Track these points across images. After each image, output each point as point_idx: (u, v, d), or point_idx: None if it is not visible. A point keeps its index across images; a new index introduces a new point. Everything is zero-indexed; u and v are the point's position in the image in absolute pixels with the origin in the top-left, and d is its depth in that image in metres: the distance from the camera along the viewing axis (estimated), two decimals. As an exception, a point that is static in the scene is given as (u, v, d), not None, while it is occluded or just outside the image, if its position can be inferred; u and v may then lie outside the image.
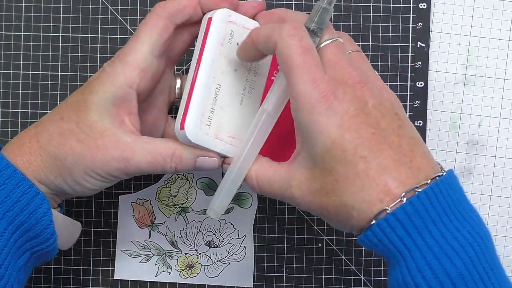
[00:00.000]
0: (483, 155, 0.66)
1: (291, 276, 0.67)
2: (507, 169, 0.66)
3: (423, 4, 0.66)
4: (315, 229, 0.67)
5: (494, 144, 0.66)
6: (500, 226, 0.66)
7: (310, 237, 0.67)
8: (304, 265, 0.67)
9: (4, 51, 0.68)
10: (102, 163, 0.55)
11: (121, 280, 0.67)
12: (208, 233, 0.67)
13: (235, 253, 0.67)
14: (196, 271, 0.67)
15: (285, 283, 0.67)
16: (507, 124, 0.66)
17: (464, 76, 0.66)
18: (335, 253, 0.67)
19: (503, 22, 0.66)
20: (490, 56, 0.66)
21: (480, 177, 0.66)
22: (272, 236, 0.67)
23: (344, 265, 0.67)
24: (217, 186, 0.66)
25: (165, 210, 0.67)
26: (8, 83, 0.68)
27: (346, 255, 0.67)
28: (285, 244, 0.67)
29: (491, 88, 0.66)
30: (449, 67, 0.66)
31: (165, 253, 0.67)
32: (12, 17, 0.68)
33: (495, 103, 0.66)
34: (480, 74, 0.66)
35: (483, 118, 0.66)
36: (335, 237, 0.67)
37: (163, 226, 0.67)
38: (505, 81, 0.66)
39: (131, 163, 0.55)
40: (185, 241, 0.67)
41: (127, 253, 0.67)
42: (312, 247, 0.67)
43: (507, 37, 0.66)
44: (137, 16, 0.67)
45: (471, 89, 0.66)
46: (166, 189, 0.67)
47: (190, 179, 0.67)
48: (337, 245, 0.67)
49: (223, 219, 0.67)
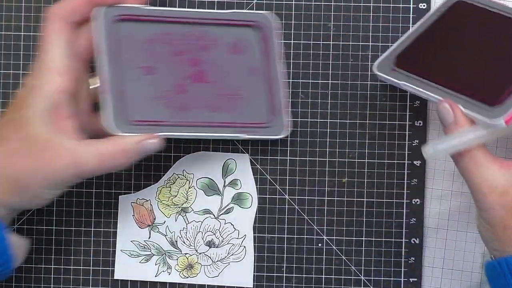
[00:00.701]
0: (483, 155, 0.66)
1: (291, 276, 0.67)
2: (507, 169, 0.66)
3: (423, 4, 0.66)
4: (315, 229, 0.67)
5: (494, 144, 0.66)
6: (500, 226, 0.66)
7: (310, 237, 0.67)
8: (304, 265, 0.67)
9: (4, 51, 0.68)
10: (55, 173, 0.56)
11: (121, 280, 0.67)
12: (208, 233, 0.67)
13: (235, 253, 0.67)
14: (196, 271, 0.67)
15: (285, 283, 0.67)
16: (507, 124, 0.66)
17: (464, 76, 0.66)
18: (335, 253, 0.67)
19: (503, 22, 0.66)
20: (490, 56, 0.66)
21: (480, 177, 0.66)
22: (272, 236, 0.67)
23: (344, 265, 0.67)
24: (217, 186, 0.66)
25: (165, 210, 0.67)
26: (8, 83, 0.68)
27: (346, 255, 0.67)
28: (285, 244, 0.67)
29: (491, 88, 0.66)
30: (449, 67, 0.66)
31: (165, 253, 0.67)
32: (12, 17, 0.68)
33: (495, 103, 0.66)
34: (480, 74, 0.66)
35: (483, 118, 0.66)
36: (335, 237, 0.67)
37: (163, 226, 0.67)
38: (505, 81, 0.66)
39: (82, 167, 0.56)
40: (185, 241, 0.67)
41: (127, 253, 0.67)
42: (312, 247, 0.67)
43: (507, 37, 0.66)
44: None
45: (471, 89, 0.66)
46: (166, 189, 0.67)
47: (190, 179, 0.67)
48: (337, 245, 0.67)
49: (223, 219, 0.67)
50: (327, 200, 0.67)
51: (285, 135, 0.65)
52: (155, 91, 0.62)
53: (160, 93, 0.62)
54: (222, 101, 0.64)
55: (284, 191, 0.67)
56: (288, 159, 0.67)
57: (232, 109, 0.64)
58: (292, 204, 0.67)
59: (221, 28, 0.65)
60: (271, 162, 0.67)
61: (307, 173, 0.67)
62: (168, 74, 0.63)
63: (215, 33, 0.65)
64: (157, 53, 0.63)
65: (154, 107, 0.62)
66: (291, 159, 0.67)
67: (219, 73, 0.64)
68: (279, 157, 0.67)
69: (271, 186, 0.67)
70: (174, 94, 0.63)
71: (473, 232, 0.65)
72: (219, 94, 0.64)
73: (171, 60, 0.63)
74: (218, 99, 0.64)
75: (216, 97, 0.64)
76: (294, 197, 0.67)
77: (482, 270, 0.66)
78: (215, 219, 0.67)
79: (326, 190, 0.67)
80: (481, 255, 0.66)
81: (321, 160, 0.67)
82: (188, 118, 0.63)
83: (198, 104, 0.63)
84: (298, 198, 0.67)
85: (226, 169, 0.67)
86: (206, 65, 0.64)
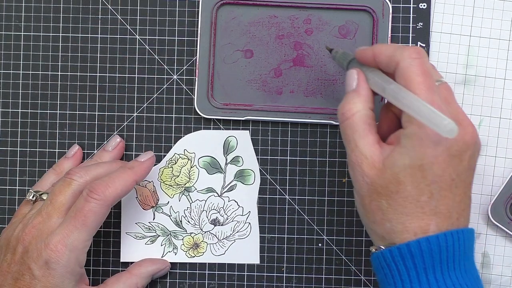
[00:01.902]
0: (483, 155, 0.66)
1: (291, 276, 0.67)
2: (507, 169, 0.66)
3: (423, 4, 0.66)
4: (315, 229, 0.67)
5: (494, 144, 0.66)
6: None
7: (310, 237, 0.67)
8: (304, 265, 0.67)
9: (4, 51, 0.68)
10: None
11: (128, 262, 0.67)
12: (212, 212, 0.67)
13: (240, 230, 0.67)
14: (202, 250, 0.67)
15: (285, 283, 0.67)
16: (507, 124, 0.66)
17: (464, 76, 0.66)
18: (335, 253, 0.67)
19: (503, 22, 0.66)
20: (490, 56, 0.66)
21: (480, 177, 0.66)
22: (272, 236, 0.67)
23: (344, 265, 0.67)
24: (219, 164, 0.66)
25: (168, 190, 0.67)
26: (8, 83, 0.68)
27: (346, 255, 0.67)
28: (285, 244, 0.67)
29: (491, 88, 0.66)
30: (449, 67, 0.66)
31: (170, 234, 0.67)
32: (12, 17, 0.68)
33: (495, 103, 0.66)
34: (480, 74, 0.66)
35: (483, 118, 0.66)
36: (335, 237, 0.67)
37: (167, 206, 0.67)
38: (505, 81, 0.66)
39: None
40: (189, 220, 0.67)
41: (132, 235, 0.67)
42: (312, 247, 0.67)
43: (507, 37, 0.66)
44: (137, 16, 0.67)
45: (471, 89, 0.66)
46: (168, 170, 0.67)
47: (192, 158, 0.67)
48: (337, 245, 0.67)
49: (227, 196, 0.67)
50: (327, 200, 0.67)
51: None
52: (251, 74, 0.65)
53: (257, 76, 0.65)
54: (317, 86, 0.65)
55: (284, 191, 0.67)
56: (288, 159, 0.67)
57: (325, 94, 0.65)
58: (292, 204, 0.67)
59: (329, 12, 0.65)
60: (271, 162, 0.67)
61: (307, 173, 0.67)
62: (267, 57, 0.65)
63: (321, 16, 0.65)
64: (259, 36, 0.65)
65: (248, 90, 0.65)
66: (291, 159, 0.67)
67: (321, 57, 0.65)
68: (279, 157, 0.67)
69: (271, 186, 0.67)
70: (271, 78, 0.65)
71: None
72: (317, 78, 0.65)
73: (272, 43, 0.65)
74: (314, 84, 0.65)
75: (312, 82, 0.65)
76: (294, 197, 0.67)
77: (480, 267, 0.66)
78: (219, 197, 0.67)
79: (326, 190, 0.67)
80: (482, 255, 0.66)
81: (321, 160, 0.67)
82: (281, 102, 0.65)
83: (293, 88, 0.65)
84: (298, 198, 0.67)
85: (227, 147, 0.67)
86: (309, 49, 0.65)
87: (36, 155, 0.67)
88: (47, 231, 0.58)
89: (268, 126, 0.67)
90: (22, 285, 0.57)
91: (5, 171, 0.68)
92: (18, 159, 0.68)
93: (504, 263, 0.66)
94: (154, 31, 0.67)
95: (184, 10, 0.67)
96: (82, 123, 0.67)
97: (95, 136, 0.67)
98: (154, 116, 0.67)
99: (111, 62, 0.67)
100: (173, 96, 0.67)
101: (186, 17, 0.67)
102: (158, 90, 0.67)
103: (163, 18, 0.67)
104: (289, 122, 0.66)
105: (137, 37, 0.67)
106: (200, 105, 0.65)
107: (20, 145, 0.67)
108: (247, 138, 0.67)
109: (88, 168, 0.61)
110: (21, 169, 0.68)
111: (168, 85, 0.67)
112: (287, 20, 0.65)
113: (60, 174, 0.65)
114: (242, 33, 0.65)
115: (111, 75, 0.67)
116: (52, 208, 0.59)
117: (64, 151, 0.67)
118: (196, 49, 0.66)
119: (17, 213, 0.63)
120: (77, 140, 0.67)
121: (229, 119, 0.66)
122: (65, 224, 0.58)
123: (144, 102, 0.67)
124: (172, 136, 0.67)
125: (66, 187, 0.59)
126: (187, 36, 0.67)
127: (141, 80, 0.67)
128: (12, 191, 0.68)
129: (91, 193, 0.58)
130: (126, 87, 0.67)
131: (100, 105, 0.67)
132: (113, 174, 0.60)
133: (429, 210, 0.53)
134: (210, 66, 0.65)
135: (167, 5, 0.67)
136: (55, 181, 0.63)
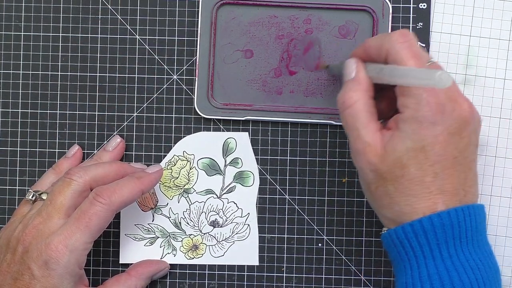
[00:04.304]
0: (483, 155, 0.66)
1: (291, 276, 0.67)
2: (507, 169, 0.66)
3: (423, 4, 0.66)
4: (315, 229, 0.67)
5: (494, 144, 0.66)
6: (500, 226, 0.66)
7: (310, 237, 0.67)
8: (304, 265, 0.67)
9: (4, 51, 0.68)
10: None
11: (127, 264, 0.67)
12: (211, 213, 0.67)
13: (240, 232, 0.67)
14: (201, 252, 0.67)
15: (285, 283, 0.67)
16: (507, 124, 0.66)
17: (464, 76, 0.66)
18: (335, 253, 0.67)
19: (503, 22, 0.66)
20: (490, 56, 0.66)
21: (480, 177, 0.66)
22: (272, 236, 0.67)
23: (344, 265, 0.67)
24: (218, 166, 0.66)
25: (167, 192, 0.67)
26: (8, 83, 0.68)
27: (346, 255, 0.67)
28: (285, 244, 0.67)
29: (491, 88, 0.66)
30: (449, 67, 0.66)
31: (169, 235, 0.67)
32: (12, 17, 0.68)
33: (495, 103, 0.66)
34: (480, 74, 0.66)
35: (483, 118, 0.66)
36: (335, 237, 0.67)
37: (166, 208, 0.67)
38: (505, 81, 0.66)
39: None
40: (188, 222, 0.67)
41: (131, 237, 0.67)
42: (312, 247, 0.67)
43: (507, 37, 0.66)
44: (137, 16, 0.67)
45: (471, 89, 0.66)
46: (167, 171, 0.67)
47: (191, 160, 0.67)
48: (337, 245, 0.67)
49: (226, 198, 0.67)
50: (327, 200, 0.67)
51: None
52: (251, 74, 0.65)
53: (257, 76, 0.65)
54: (318, 85, 0.65)
55: (284, 191, 0.67)
56: (288, 159, 0.67)
57: (325, 94, 0.65)
58: (292, 204, 0.67)
59: (329, 12, 0.65)
60: (271, 162, 0.67)
61: (307, 173, 0.67)
62: (267, 57, 0.65)
63: (321, 16, 0.65)
64: (259, 36, 0.65)
65: (247, 90, 0.65)
66: (291, 159, 0.67)
67: (321, 57, 0.66)
68: (279, 157, 0.67)
69: (271, 186, 0.67)
70: (271, 78, 0.65)
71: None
72: (317, 78, 0.65)
73: (272, 43, 0.65)
74: (314, 84, 0.65)
75: (312, 82, 0.65)
76: (294, 197, 0.67)
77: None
78: (218, 198, 0.67)
79: (326, 190, 0.67)
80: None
81: (321, 160, 0.67)
82: (281, 102, 0.66)
83: (293, 88, 0.65)
84: (298, 198, 0.67)
85: (226, 148, 0.67)
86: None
87: (36, 155, 0.67)
88: (48, 232, 0.58)
89: (268, 126, 0.67)
90: (21, 285, 0.57)
91: (5, 171, 0.68)
92: (18, 159, 0.68)
93: (504, 263, 0.66)
94: (154, 31, 0.67)
95: (184, 10, 0.67)
96: (82, 123, 0.67)
97: (95, 136, 0.67)
98: (154, 116, 0.67)
99: (111, 62, 0.67)
100: (173, 96, 0.67)
101: (186, 17, 0.67)
102: (158, 90, 0.67)
103: (163, 18, 0.67)
104: (289, 122, 0.66)
105: (137, 37, 0.67)
106: (200, 105, 0.66)
107: (20, 145, 0.68)
108: (246, 139, 0.67)
109: (87, 168, 0.61)
110: (21, 169, 0.68)
111: (168, 85, 0.67)
112: (287, 20, 0.65)
113: (60, 174, 0.65)
114: (242, 33, 0.65)
115: (111, 75, 0.67)
116: (52, 208, 0.59)
117: (64, 151, 0.67)
118: (196, 49, 0.66)
119: (16, 212, 0.63)
120: (77, 140, 0.67)
121: (229, 119, 0.66)
122: (67, 225, 0.58)
123: (144, 102, 0.67)
124: (172, 136, 0.67)
125: (66, 187, 0.59)
126: (187, 36, 0.67)
127: (141, 80, 0.67)
128: (12, 191, 0.68)
129: (98, 197, 0.58)
130: (126, 87, 0.67)
131: (100, 105, 0.67)
132: (120, 181, 0.60)
133: (435, 189, 0.54)
134: (210, 66, 0.65)
135: (167, 5, 0.67)
136: (55, 181, 0.63)
